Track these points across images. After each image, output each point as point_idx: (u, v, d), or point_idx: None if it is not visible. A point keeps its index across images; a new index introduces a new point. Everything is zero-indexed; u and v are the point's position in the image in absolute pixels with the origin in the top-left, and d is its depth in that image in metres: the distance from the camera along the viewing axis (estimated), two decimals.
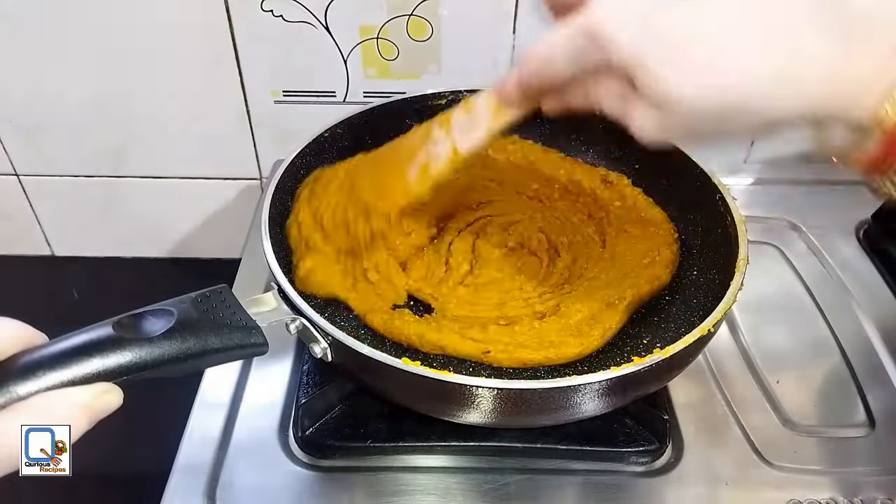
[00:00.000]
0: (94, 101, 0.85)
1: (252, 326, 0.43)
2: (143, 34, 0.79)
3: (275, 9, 0.77)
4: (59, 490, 0.72)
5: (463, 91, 0.74)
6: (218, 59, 0.81)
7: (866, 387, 0.63)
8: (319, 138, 0.67)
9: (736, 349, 0.66)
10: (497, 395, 0.46)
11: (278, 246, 0.58)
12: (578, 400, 0.47)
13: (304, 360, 0.61)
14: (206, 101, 0.85)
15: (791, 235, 0.78)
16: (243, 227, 0.87)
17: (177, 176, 0.93)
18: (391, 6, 0.77)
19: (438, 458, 0.57)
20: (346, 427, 0.58)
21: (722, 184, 0.61)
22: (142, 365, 0.36)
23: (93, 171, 0.93)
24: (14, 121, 0.88)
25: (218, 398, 0.61)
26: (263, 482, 0.55)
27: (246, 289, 0.71)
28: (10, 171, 0.93)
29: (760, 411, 0.61)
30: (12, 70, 0.83)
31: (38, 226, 1.00)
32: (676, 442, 0.58)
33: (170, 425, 0.60)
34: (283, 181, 0.62)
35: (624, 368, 0.45)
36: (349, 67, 0.82)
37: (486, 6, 0.77)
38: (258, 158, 0.91)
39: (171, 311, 0.39)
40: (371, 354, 0.46)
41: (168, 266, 1.04)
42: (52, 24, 0.79)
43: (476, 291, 0.59)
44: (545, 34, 0.41)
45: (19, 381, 0.32)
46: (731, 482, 0.56)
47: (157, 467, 0.57)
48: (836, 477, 0.56)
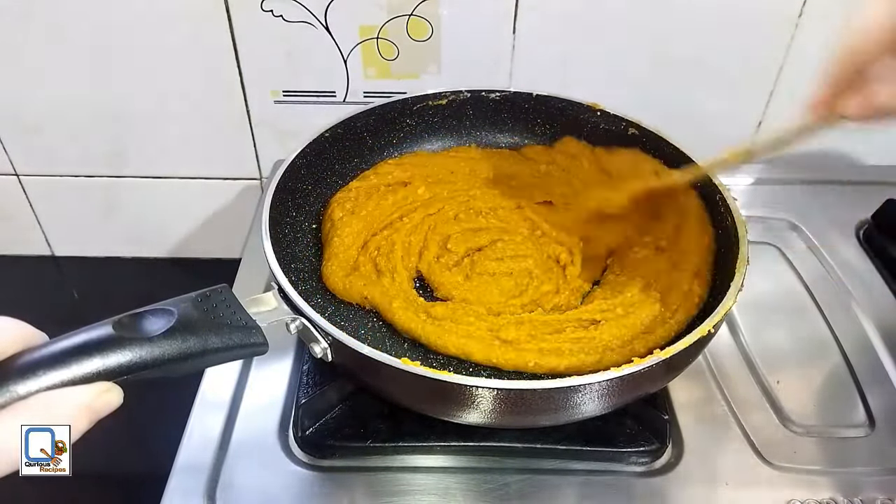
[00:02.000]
0: (94, 101, 0.85)
1: (252, 326, 0.43)
2: (143, 34, 0.79)
3: (275, 9, 0.77)
4: (59, 490, 0.72)
5: (463, 91, 0.74)
6: (218, 59, 0.81)
7: (866, 387, 0.63)
8: (319, 138, 0.67)
9: (736, 349, 0.66)
10: (497, 396, 0.46)
11: (278, 246, 0.58)
12: (578, 400, 0.47)
13: (304, 360, 0.61)
14: (205, 101, 0.85)
15: (791, 235, 0.78)
16: (243, 227, 0.87)
17: (177, 176, 0.93)
18: (391, 6, 0.77)
19: (438, 458, 0.57)
20: (346, 427, 0.58)
21: (722, 184, 0.61)
22: (142, 364, 0.36)
23: (93, 171, 0.93)
24: (14, 121, 0.88)
25: (218, 398, 0.61)
26: (263, 482, 0.55)
27: (246, 289, 0.70)
28: (10, 171, 0.93)
29: (760, 411, 0.61)
30: (12, 70, 0.83)
31: (38, 226, 1.00)
32: (676, 442, 0.58)
33: (170, 425, 0.60)
34: (283, 181, 0.62)
35: (624, 369, 0.45)
36: (349, 67, 0.82)
37: (486, 6, 0.77)
38: (258, 158, 0.91)
39: (171, 310, 0.39)
40: (371, 354, 0.46)
41: (168, 266, 1.04)
42: (52, 24, 0.79)
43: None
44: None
45: (19, 380, 0.32)
46: (731, 482, 0.56)
47: (157, 467, 0.57)
48: (836, 477, 0.56)
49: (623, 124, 0.71)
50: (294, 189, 0.66)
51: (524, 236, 0.66)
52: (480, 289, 0.61)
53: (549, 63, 0.82)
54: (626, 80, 0.83)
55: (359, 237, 0.64)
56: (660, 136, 0.68)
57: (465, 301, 0.60)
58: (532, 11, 0.77)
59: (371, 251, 0.64)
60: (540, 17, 0.78)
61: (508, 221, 0.68)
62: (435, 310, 0.58)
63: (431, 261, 0.64)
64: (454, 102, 0.75)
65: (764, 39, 0.80)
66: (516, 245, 0.65)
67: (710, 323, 0.49)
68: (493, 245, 0.65)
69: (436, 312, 0.57)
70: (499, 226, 0.67)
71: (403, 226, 0.66)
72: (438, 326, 0.56)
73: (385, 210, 0.67)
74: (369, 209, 0.66)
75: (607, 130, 0.72)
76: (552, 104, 0.74)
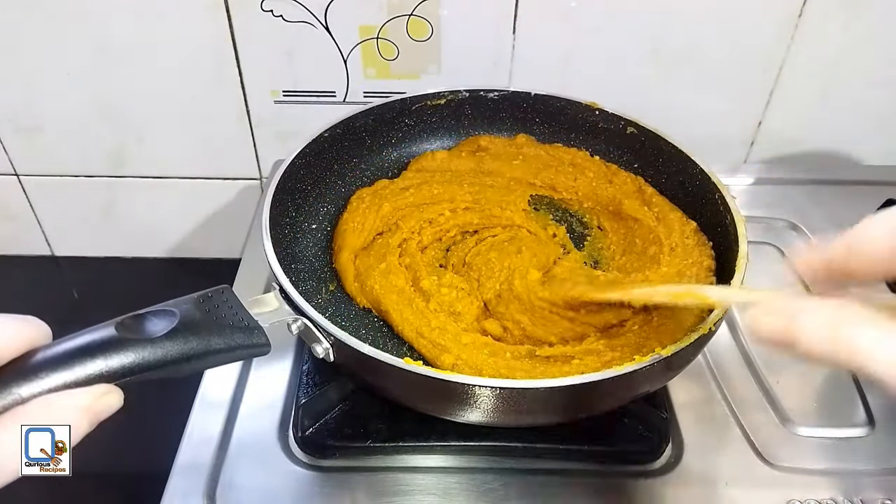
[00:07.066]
0: (94, 101, 0.85)
1: (254, 327, 0.43)
2: (143, 34, 0.79)
3: (275, 9, 0.77)
4: (59, 490, 0.72)
5: (461, 91, 0.74)
6: (218, 59, 0.81)
7: (866, 387, 0.63)
8: (319, 138, 0.67)
9: (736, 349, 0.66)
10: (498, 395, 0.46)
11: (279, 246, 0.58)
12: (579, 399, 0.47)
13: (304, 360, 0.61)
14: (206, 101, 0.85)
15: (791, 235, 0.79)
16: (243, 227, 0.87)
17: (177, 176, 0.93)
18: (391, 6, 0.77)
19: (438, 458, 0.57)
20: (346, 427, 0.58)
21: (721, 182, 0.61)
22: (145, 366, 0.36)
23: (93, 171, 0.93)
24: (14, 121, 0.88)
25: (218, 398, 0.61)
26: (263, 482, 0.55)
27: (246, 289, 0.70)
28: (10, 171, 0.93)
29: (760, 411, 0.61)
30: (12, 70, 0.83)
31: (38, 226, 1.00)
32: (676, 442, 0.58)
33: (170, 425, 0.60)
34: (283, 181, 0.62)
35: (624, 367, 0.45)
36: (349, 67, 0.82)
37: (486, 6, 0.77)
38: (258, 158, 0.91)
39: (173, 311, 0.39)
40: (373, 354, 0.46)
41: (168, 266, 1.04)
42: (51, 24, 0.79)
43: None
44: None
45: (22, 382, 0.32)
46: (731, 482, 0.56)
47: (157, 467, 0.57)
48: (836, 477, 0.56)
49: (622, 123, 0.71)
50: (294, 189, 0.66)
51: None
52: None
53: (550, 63, 0.82)
54: (626, 80, 0.83)
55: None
56: (659, 136, 0.68)
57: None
58: (532, 11, 0.77)
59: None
60: (540, 17, 0.78)
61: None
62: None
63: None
64: (453, 102, 0.75)
65: (764, 39, 0.80)
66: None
67: (710, 322, 0.49)
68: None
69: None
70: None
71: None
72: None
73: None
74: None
75: (606, 129, 0.72)
76: (551, 103, 0.74)
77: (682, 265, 0.60)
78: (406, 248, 0.64)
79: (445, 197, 0.69)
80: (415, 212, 0.67)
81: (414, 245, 0.64)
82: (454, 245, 0.67)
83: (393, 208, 0.67)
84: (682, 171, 0.66)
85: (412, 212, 0.67)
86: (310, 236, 0.67)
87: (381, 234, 0.66)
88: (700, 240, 0.62)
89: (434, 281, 0.60)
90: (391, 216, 0.67)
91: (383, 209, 0.66)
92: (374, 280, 0.60)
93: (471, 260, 0.64)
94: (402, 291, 0.59)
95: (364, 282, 0.61)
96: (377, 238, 0.65)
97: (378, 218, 0.66)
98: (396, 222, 0.66)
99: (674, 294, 0.48)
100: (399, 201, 0.68)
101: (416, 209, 0.67)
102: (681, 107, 0.85)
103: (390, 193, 0.68)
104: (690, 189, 0.65)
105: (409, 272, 0.62)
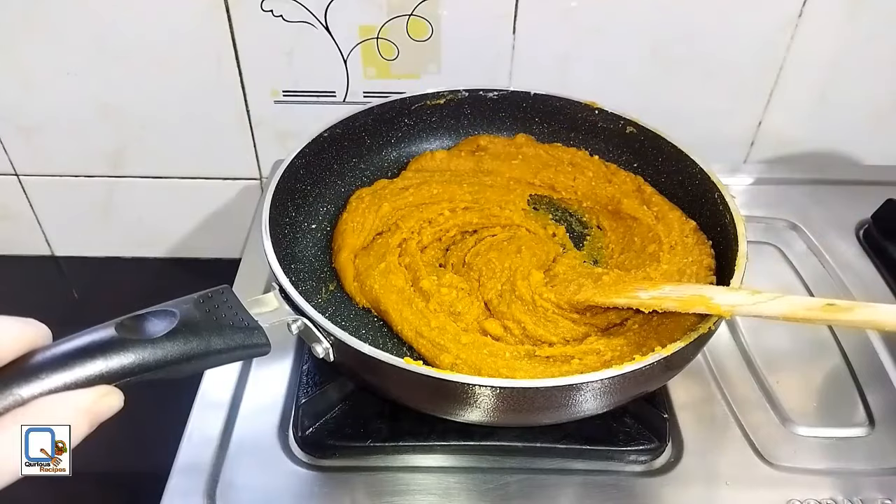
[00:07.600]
0: (94, 101, 0.85)
1: (254, 327, 0.43)
2: (143, 34, 0.79)
3: (275, 9, 0.77)
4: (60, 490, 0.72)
5: (461, 90, 0.74)
6: (218, 59, 0.81)
7: (866, 387, 0.63)
8: (319, 138, 0.67)
9: (736, 349, 0.66)
10: (498, 394, 0.46)
11: (278, 246, 0.58)
12: (579, 398, 0.47)
13: (304, 360, 0.61)
14: (206, 101, 0.85)
15: (791, 235, 0.78)
16: (243, 227, 0.87)
17: (177, 176, 0.94)
18: (391, 6, 0.77)
19: (438, 458, 0.57)
20: (346, 427, 0.58)
21: (720, 181, 0.61)
22: (145, 366, 0.36)
23: (93, 171, 0.93)
24: (14, 121, 0.88)
25: (218, 398, 0.61)
26: (263, 482, 0.55)
27: (246, 289, 0.70)
28: (10, 171, 0.93)
29: (760, 411, 0.61)
30: (12, 69, 0.83)
31: (38, 226, 1.00)
32: (676, 442, 0.58)
33: (170, 425, 0.60)
34: (282, 181, 0.62)
35: (624, 367, 0.45)
36: (349, 67, 0.82)
37: (486, 6, 0.77)
38: (258, 158, 0.91)
39: (173, 311, 0.39)
40: (373, 354, 0.46)
41: (168, 266, 1.04)
42: (52, 24, 0.79)
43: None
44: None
45: (23, 383, 0.32)
46: (731, 482, 0.56)
47: (157, 467, 0.57)
48: (836, 477, 0.56)
49: (621, 122, 0.71)
50: (294, 189, 0.66)
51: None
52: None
53: (549, 63, 0.82)
54: (626, 79, 0.83)
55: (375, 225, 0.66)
56: (658, 135, 0.68)
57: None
58: (532, 11, 0.77)
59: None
60: (540, 17, 0.78)
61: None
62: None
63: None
64: (452, 102, 0.75)
65: (764, 39, 0.80)
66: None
67: (710, 321, 0.49)
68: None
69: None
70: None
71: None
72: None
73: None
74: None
75: (605, 129, 0.72)
76: (550, 103, 0.74)
77: (682, 263, 0.60)
78: (406, 247, 0.64)
79: (445, 197, 0.69)
80: (414, 211, 0.67)
81: (413, 245, 0.64)
82: (454, 245, 0.67)
83: (392, 208, 0.67)
84: (682, 171, 0.66)
85: (412, 211, 0.67)
86: (309, 236, 0.67)
87: (381, 233, 0.66)
88: (699, 238, 0.62)
89: (434, 281, 0.60)
90: (391, 216, 0.67)
91: (383, 209, 0.66)
92: (373, 280, 0.60)
93: (470, 260, 0.64)
94: (402, 291, 0.59)
95: (364, 281, 0.61)
96: (377, 238, 0.65)
97: (378, 218, 0.66)
98: (396, 222, 0.66)
99: (683, 302, 0.49)
100: (398, 201, 0.68)
101: (415, 209, 0.67)
102: (680, 106, 0.85)
103: (390, 193, 0.68)
104: (690, 188, 0.66)
105: (408, 272, 0.62)
